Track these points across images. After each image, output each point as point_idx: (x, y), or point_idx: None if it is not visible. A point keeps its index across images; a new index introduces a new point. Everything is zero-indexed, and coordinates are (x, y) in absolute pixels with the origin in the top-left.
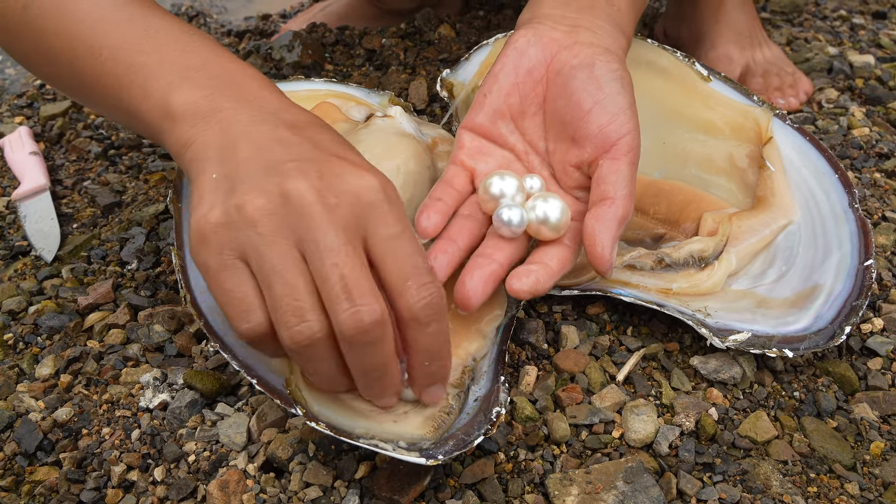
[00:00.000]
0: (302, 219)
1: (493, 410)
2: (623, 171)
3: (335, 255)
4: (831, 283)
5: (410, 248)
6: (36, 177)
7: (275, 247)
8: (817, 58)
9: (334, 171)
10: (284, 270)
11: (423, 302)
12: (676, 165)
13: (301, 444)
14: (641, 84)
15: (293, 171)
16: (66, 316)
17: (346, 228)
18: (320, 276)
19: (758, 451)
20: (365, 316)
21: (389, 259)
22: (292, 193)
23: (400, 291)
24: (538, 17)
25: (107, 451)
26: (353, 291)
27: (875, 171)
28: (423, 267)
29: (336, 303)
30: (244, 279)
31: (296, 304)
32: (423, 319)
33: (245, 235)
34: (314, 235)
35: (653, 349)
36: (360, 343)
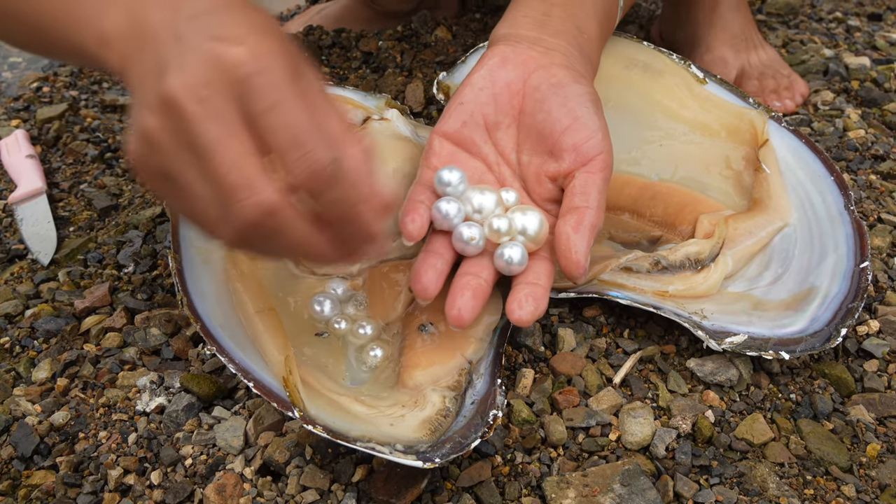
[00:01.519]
0: (182, 123)
1: (489, 413)
2: (598, 184)
3: (214, 152)
4: (827, 285)
5: (287, 119)
6: (32, 180)
7: (174, 161)
8: (813, 60)
9: (206, 59)
10: (190, 183)
11: (305, 173)
12: (673, 168)
13: (298, 447)
14: (638, 86)
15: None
16: (62, 319)
17: (221, 117)
18: (209, 176)
19: (754, 453)
20: (248, 209)
21: (269, 134)
22: (168, 100)
23: (285, 167)
24: (514, 36)
25: (103, 455)
26: (235, 184)
27: (871, 173)
28: (304, 133)
29: (225, 201)
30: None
31: (207, 213)
32: (315, 190)
33: (154, 158)
34: (194, 136)
35: (649, 352)
36: (261, 235)
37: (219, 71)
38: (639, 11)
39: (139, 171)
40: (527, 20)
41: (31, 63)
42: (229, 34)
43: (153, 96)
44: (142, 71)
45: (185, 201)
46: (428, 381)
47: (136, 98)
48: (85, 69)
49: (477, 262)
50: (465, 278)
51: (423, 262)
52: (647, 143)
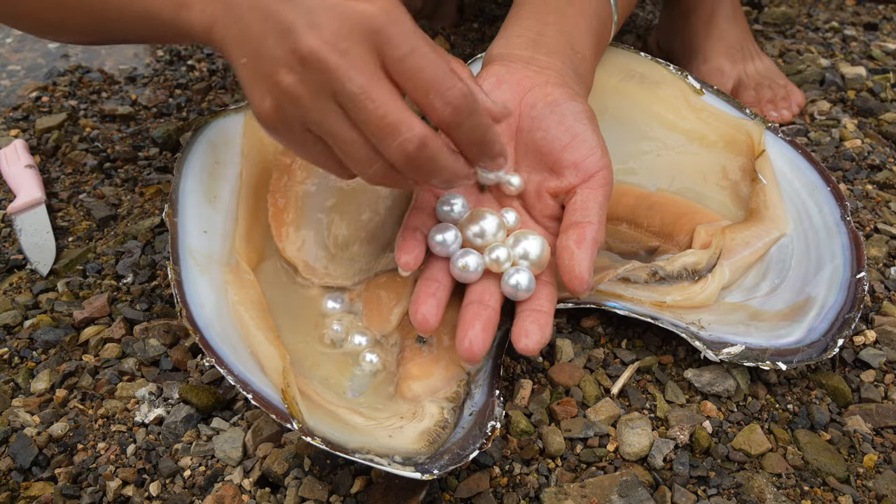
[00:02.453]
0: (325, 75)
1: (488, 424)
2: (599, 200)
3: (362, 99)
4: (824, 295)
5: (424, 61)
6: (31, 190)
7: (320, 112)
8: (809, 70)
9: (336, 14)
10: (337, 131)
11: (448, 109)
12: (670, 178)
13: (296, 458)
14: (635, 97)
15: (301, 31)
16: (61, 330)
17: (364, 66)
18: (359, 120)
19: (752, 464)
20: (408, 145)
21: (408, 80)
22: (307, 56)
23: (427, 106)
24: (508, 56)
25: (102, 467)
26: (390, 125)
27: (867, 183)
28: (441, 75)
29: (381, 140)
30: (321, 147)
31: (358, 154)
32: (456, 123)
33: (295, 113)
34: (340, 87)
35: (647, 362)
36: (415, 165)
37: (354, 24)
38: (636, 21)
39: (276, 130)
40: (521, 40)
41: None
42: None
43: (286, 54)
44: (252, 32)
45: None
46: (426, 392)
47: (253, 60)
48: (84, 79)
49: (484, 288)
50: (474, 308)
51: (422, 291)
52: (645, 153)
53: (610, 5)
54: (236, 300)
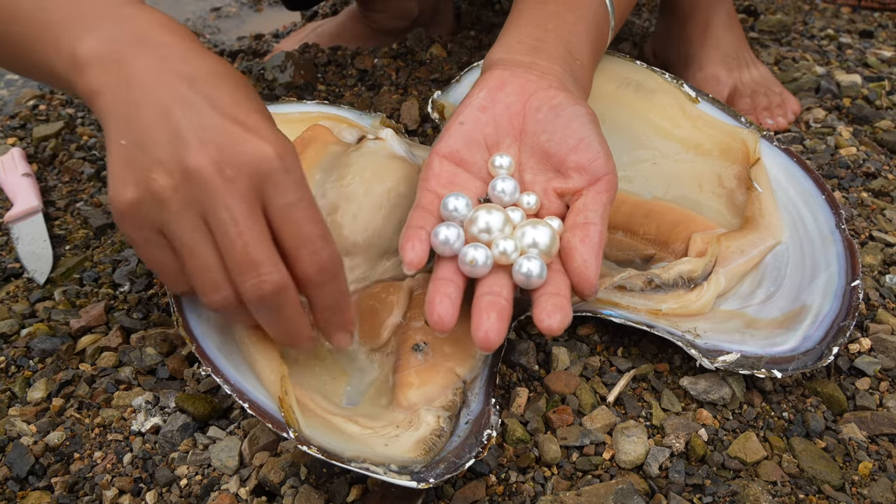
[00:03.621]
0: (204, 193)
1: (484, 433)
2: (605, 203)
3: (236, 229)
4: (819, 303)
5: (304, 216)
6: (28, 198)
7: (183, 223)
8: (805, 77)
9: (232, 142)
10: (194, 246)
11: (314, 267)
12: (666, 186)
13: (293, 467)
14: (631, 105)
15: (193, 144)
16: (58, 339)
17: (246, 199)
18: (224, 247)
19: (747, 471)
20: (266, 286)
21: (284, 228)
22: (192, 169)
23: (295, 258)
24: (508, 61)
25: (98, 476)
26: (251, 263)
27: (862, 191)
28: (316, 233)
29: (238, 275)
30: (165, 252)
31: (209, 277)
32: (318, 282)
33: (156, 213)
34: (216, 210)
35: (643, 370)
36: (266, 307)
37: (246, 159)
38: (632, 29)
39: (124, 221)
40: (521, 46)
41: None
42: (248, 120)
43: (170, 159)
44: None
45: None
46: (422, 400)
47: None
48: None
49: (495, 280)
50: (487, 298)
51: (435, 292)
52: (641, 161)
53: (608, 12)
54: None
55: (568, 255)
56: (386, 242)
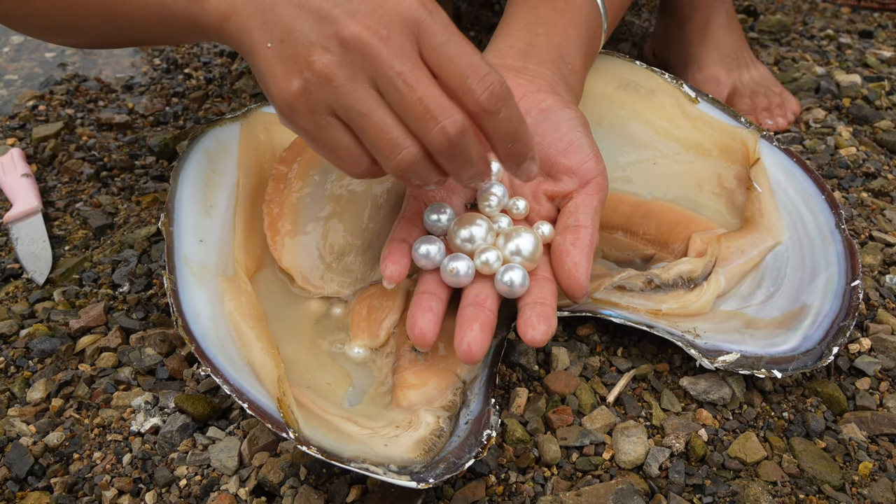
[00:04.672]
0: (366, 59)
1: (483, 433)
2: (595, 205)
3: (405, 82)
4: (819, 303)
5: (461, 49)
6: (28, 199)
7: (354, 94)
8: (804, 77)
9: (374, 3)
10: (369, 112)
11: (486, 93)
12: (665, 186)
13: (292, 467)
14: (631, 106)
15: (341, 17)
16: (57, 339)
17: (404, 53)
18: (399, 104)
19: (747, 472)
20: (450, 128)
21: (445, 65)
22: (349, 39)
23: (464, 90)
24: (499, 66)
25: (98, 476)
26: (430, 111)
27: (862, 191)
28: (479, 62)
29: (422, 124)
30: (341, 132)
31: (389, 138)
32: (492, 109)
33: (325, 93)
34: (382, 71)
35: (643, 370)
36: (454, 152)
37: (393, 14)
38: (632, 29)
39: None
40: (512, 50)
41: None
42: None
43: (324, 38)
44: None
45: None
46: (422, 400)
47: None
48: (81, 87)
49: (479, 290)
50: (470, 310)
51: (418, 306)
52: (640, 161)
53: (600, 15)
54: (232, 309)
55: (559, 259)
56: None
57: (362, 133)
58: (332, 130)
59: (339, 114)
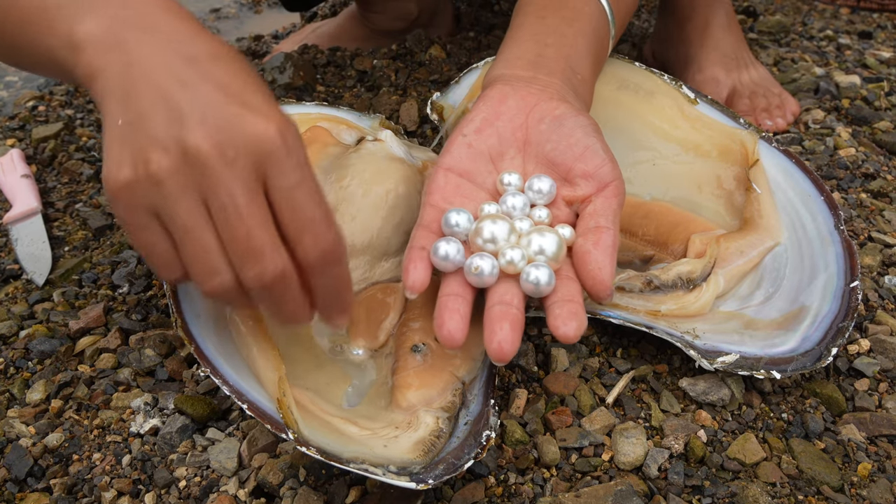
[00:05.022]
0: (204, 176)
1: (483, 434)
2: (615, 208)
3: (237, 213)
4: (818, 304)
5: (306, 198)
6: (27, 199)
7: (181, 205)
8: (804, 78)
9: (233, 121)
10: (193, 228)
11: (316, 253)
12: (665, 187)
13: (292, 468)
14: (631, 107)
15: (193, 124)
16: (57, 340)
17: (246, 182)
18: (225, 231)
19: (746, 473)
20: (268, 272)
21: (286, 210)
22: (192, 150)
23: (297, 242)
24: (509, 77)
25: (97, 477)
26: (256, 250)
27: (861, 192)
28: (320, 217)
29: (242, 259)
30: (159, 237)
31: (207, 260)
32: (320, 268)
33: (153, 195)
34: (216, 192)
35: (642, 371)
36: (267, 294)
37: (247, 139)
38: (631, 30)
39: (118, 201)
40: (521, 62)
41: (27, 82)
42: (249, 100)
43: (169, 139)
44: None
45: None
46: (421, 401)
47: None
48: (81, 88)
49: (505, 289)
50: (499, 308)
51: (444, 308)
52: (640, 162)
53: (608, 22)
54: (231, 310)
55: (581, 260)
56: (384, 244)
57: (181, 246)
58: (150, 233)
59: (163, 219)
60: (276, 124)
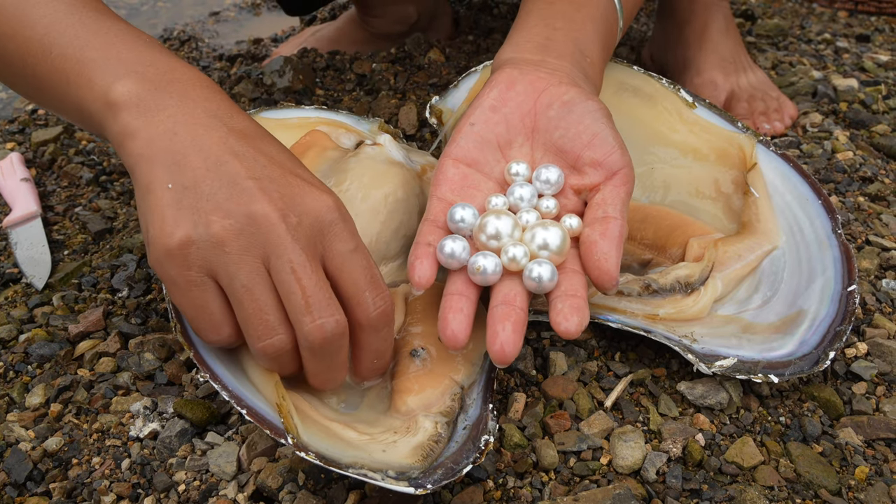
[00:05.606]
0: (268, 238)
1: (481, 438)
2: (623, 197)
3: (299, 272)
4: (815, 308)
5: (365, 262)
6: (27, 203)
7: (243, 266)
8: (802, 82)
9: (293, 191)
10: (253, 288)
11: (378, 311)
12: (663, 191)
13: (291, 473)
14: (629, 111)
15: (255, 191)
16: (56, 344)
17: (307, 246)
18: (285, 291)
19: (744, 476)
20: (328, 328)
21: (346, 273)
22: (258, 214)
23: (357, 301)
24: (518, 60)
25: (97, 481)
26: (316, 305)
27: (859, 195)
28: (378, 279)
29: (301, 316)
30: (213, 296)
31: (265, 319)
32: (377, 326)
33: (213, 255)
34: (279, 253)
35: (640, 375)
36: (322, 351)
37: (308, 207)
38: (630, 33)
39: (171, 261)
40: (530, 45)
41: None
42: (302, 174)
43: (232, 205)
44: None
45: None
46: (420, 406)
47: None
48: None
49: (508, 288)
50: (501, 308)
51: (448, 308)
52: (638, 166)
53: (616, 10)
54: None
55: (588, 250)
56: (383, 248)
57: (239, 305)
58: (203, 291)
59: (219, 279)
60: (331, 196)
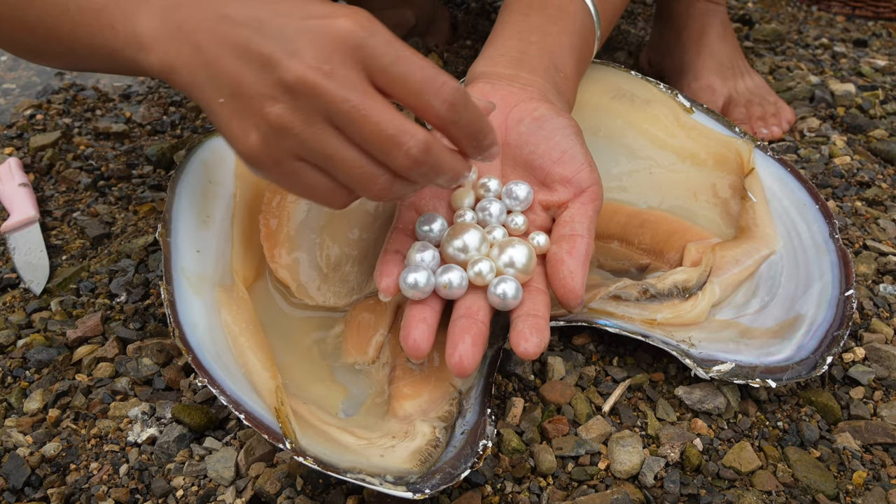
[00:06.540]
0: (316, 100)
1: (479, 443)
2: (590, 215)
3: (359, 114)
4: (813, 312)
5: (410, 65)
6: (25, 208)
7: (315, 138)
8: (799, 86)
9: (311, 37)
10: (335, 152)
11: (446, 105)
12: (661, 196)
13: (289, 478)
14: (626, 116)
15: (282, 60)
16: (54, 349)
17: (352, 84)
18: (359, 137)
19: (742, 481)
20: (413, 148)
21: (398, 86)
22: (294, 84)
23: (423, 107)
24: (491, 74)
25: (95, 487)
26: (392, 136)
27: (856, 200)
28: (431, 74)
29: (385, 153)
30: (313, 174)
31: (361, 172)
32: (452, 118)
33: (287, 142)
34: (334, 107)
35: (638, 379)
36: (422, 169)
37: (334, 44)
38: (628, 38)
39: (263, 166)
40: (504, 59)
41: (24, 90)
42: (312, 12)
43: (270, 86)
44: (227, 71)
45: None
46: (418, 411)
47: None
48: (79, 96)
49: (471, 301)
50: (463, 322)
51: (412, 318)
52: (636, 171)
53: (593, 22)
54: (229, 320)
55: (554, 268)
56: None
57: (334, 172)
58: (304, 174)
59: (306, 157)
60: (348, 17)
